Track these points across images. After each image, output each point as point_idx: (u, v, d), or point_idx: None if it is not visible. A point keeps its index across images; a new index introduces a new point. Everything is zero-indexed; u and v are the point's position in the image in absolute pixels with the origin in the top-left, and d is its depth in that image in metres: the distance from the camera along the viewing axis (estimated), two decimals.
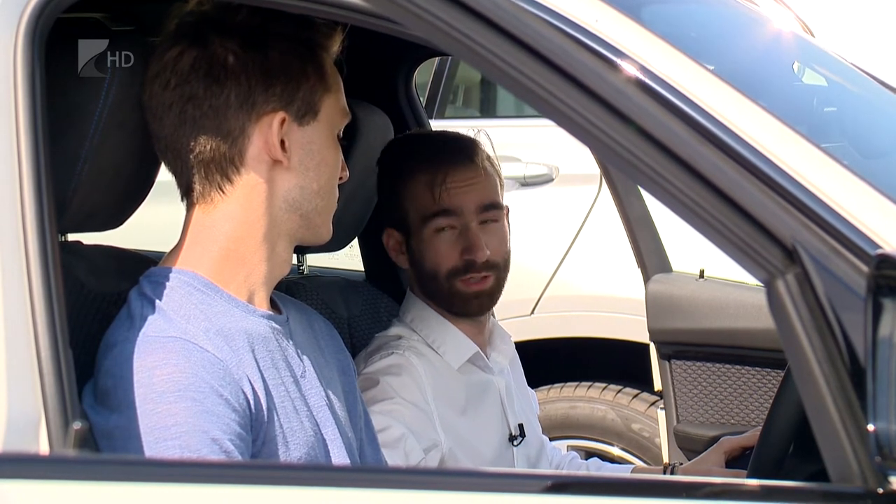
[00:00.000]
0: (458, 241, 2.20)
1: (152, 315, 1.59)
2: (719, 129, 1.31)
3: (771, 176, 1.29)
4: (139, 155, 1.70)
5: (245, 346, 1.63)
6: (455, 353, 2.24)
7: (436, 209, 2.19)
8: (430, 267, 2.21)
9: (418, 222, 2.21)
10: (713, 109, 1.31)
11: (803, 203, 1.29)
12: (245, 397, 1.58)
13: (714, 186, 1.30)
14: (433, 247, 2.20)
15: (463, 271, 2.20)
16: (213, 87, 1.64)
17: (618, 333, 4.12)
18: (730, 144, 1.30)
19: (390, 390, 2.13)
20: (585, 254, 4.23)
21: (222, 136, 1.65)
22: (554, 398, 4.24)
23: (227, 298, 1.65)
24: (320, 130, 1.70)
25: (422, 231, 2.21)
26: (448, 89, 4.77)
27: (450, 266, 2.20)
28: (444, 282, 2.20)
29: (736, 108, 1.32)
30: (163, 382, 1.53)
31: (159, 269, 1.67)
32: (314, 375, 1.74)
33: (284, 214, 1.69)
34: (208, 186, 1.66)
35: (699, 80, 1.33)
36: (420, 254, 2.22)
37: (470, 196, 2.21)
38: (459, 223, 2.20)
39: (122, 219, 1.76)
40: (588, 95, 1.32)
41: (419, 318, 2.26)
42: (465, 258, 2.19)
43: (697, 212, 1.31)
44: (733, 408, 3.02)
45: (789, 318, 1.27)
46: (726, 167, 1.29)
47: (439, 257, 2.20)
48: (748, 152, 1.30)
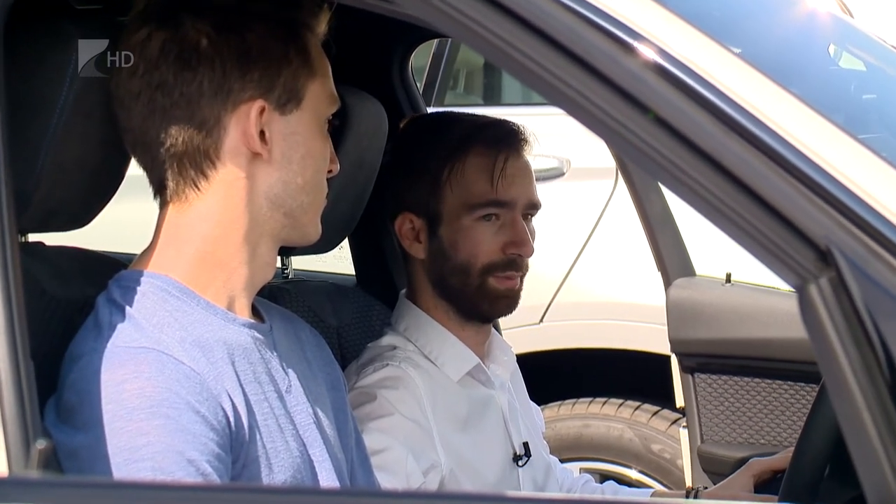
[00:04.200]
0: (500, 233, 2.20)
1: (122, 323, 1.60)
2: (746, 119, 1.31)
3: (803, 170, 1.30)
4: (107, 147, 1.71)
5: (224, 358, 1.63)
6: (454, 365, 2.24)
7: (490, 198, 2.19)
8: (464, 259, 2.20)
9: (460, 209, 2.20)
10: (739, 97, 1.32)
11: (838, 200, 1.29)
12: (224, 414, 1.59)
13: (740, 182, 1.30)
14: (473, 237, 2.19)
15: (502, 267, 2.20)
16: (185, 72, 1.65)
17: (635, 344, 4.13)
18: (757, 135, 1.31)
19: (388, 405, 2.13)
20: (600, 256, 4.24)
21: (195, 127, 1.65)
22: (565, 416, 4.24)
23: (205, 305, 1.66)
24: (304, 119, 1.71)
25: (461, 219, 2.20)
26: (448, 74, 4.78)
27: (488, 260, 2.19)
28: (477, 277, 2.20)
29: (764, 95, 1.33)
30: (133, 398, 1.53)
31: (130, 272, 1.68)
32: (300, 390, 1.75)
33: (267, 212, 1.70)
34: (182, 183, 1.67)
35: (724, 65, 1.34)
36: (452, 243, 2.21)
37: (524, 188, 2.22)
38: (506, 216, 2.20)
39: (89, 217, 1.76)
40: (601, 81, 1.32)
41: (414, 327, 2.26)
42: (510, 252, 2.19)
43: (722, 210, 1.31)
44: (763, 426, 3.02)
45: (823, 326, 1.27)
46: (754, 161, 1.30)
47: (479, 248, 2.19)
48: (777, 144, 1.31)
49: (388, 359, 2.21)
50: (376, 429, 2.10)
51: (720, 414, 3.04)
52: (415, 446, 2.12)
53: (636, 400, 4.24)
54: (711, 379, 3.05)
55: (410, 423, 2.14)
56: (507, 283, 2.21)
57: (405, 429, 2.12)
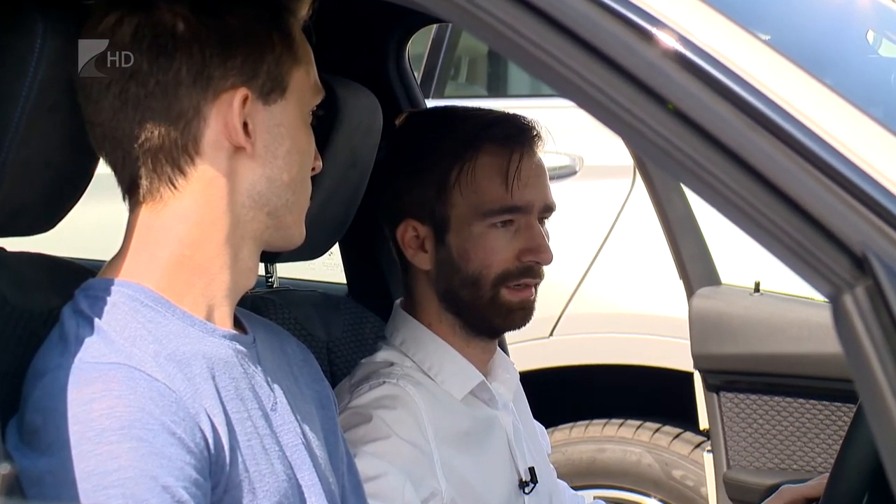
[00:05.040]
0: (515, 239, 2.20)
1: (90, 337, 1.61)
2: (775, 113, 1.32)
3: (837, 169, 1.30)
4: (75, 143, 1.71)
5: (203, 373, 1.64)
6: (457, 382, 2.24)
7: (505, 204, 2.19)
8: (476, 269, 2.20)
9: (471, 215, 2.20)
10: (767, 88, 1.32)
11: (876, 202, 1.30)
12: (203, 435, 1.60)
13: (769, 182, 1.31)
14: (486, 245, 2.19)
15: (516, 276, 2.20)
16: (161, 60, 1.65)
17: (655, 360, 4.13)
18: (787, 131, 1.31)
19: (384, 427, 2.13)
20: (615, 263, 4.24)
21: (173, 120, 1.66)
22: (577, 439, 4.24)
23: (181, 315, 1.67)
24: (289, 109, 1.72)
25: (472, 225, 2.20)
26: (448, 62, 4.78)
27: (502, 269, 2.20)
28: (489, 288, 2.20)
29: (795, 87, 1.34)
30: (103, 418, 1.54)
31: (98, 281, 1.69)
32: (287, 408, 1.75)
33: (249, 212, 1.71)
34: (157, 181, 1.67)
35: (751, 54, 1.34)
36: (462, 253, 2.21)
37: (539, 191, 2.22)
38: (521, 220, 2.21)
39: (55, 220, 1.77)
40: (616, 72, 1.33)
41: (412, 340, 2.26)
42: (526, 260, 2.20)
43: (749, 212, 1.32)
44: (795, 450, 3.03)
45: (859, 339, 1.28)
46: (783, 159, 1.31)
47: (493, 257, 2.19)
48: (809, 140, 1.31)
49: (385, 376, 2.21)
50: (371, 453, 2.10)
51: (748, 437, 3.05)
52: (413, 472, 2.12)
53: (656, 421, 4.24)
54: (738, 398, 3.06)
55: (409, 446, 2.14)
56: (522, 294, 2.21)
57: (403, 453, 2.13)
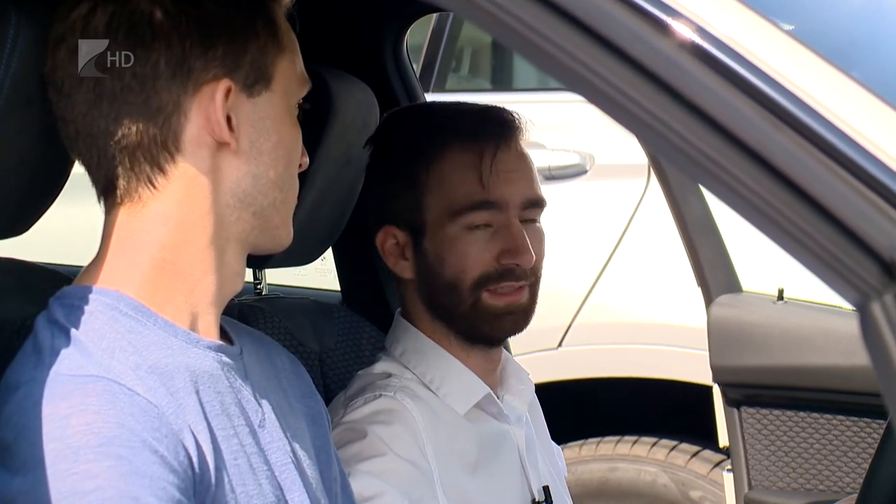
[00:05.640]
0: (493, 241, 2.21)
1: (66, 348, 1.61)
2: (799, 109, 1.32)
3: (866, 169, 1.31)
4: (51, 140, 1.72)
5: (187, 387, 1.64)
6: (460, 396, 2.24)
7: (479, 199, 2.20)
8: (452, 275, 2.21)
9: (445, 216, 2.21)
10: (791, 83, 1.33)
11: None
12: (186, 453, 1.60)
13: (792, 183, 1.31)
14: (460, 248, 2.21)
15: (496, 278, 2.21)
16: (138, 51, 1.66)
17: (671, 373, 4.14)
18: (812, 128, 1.31)
19: (381, 444, 2.13)
20: (629, 268, 4.25)
21: (151, 115, 1.66)
22: (588, 457, 4.25)
23: (163, 325, 1.67)
24: (275, 102, 1.72)
25: (447, 227, 2.21)
26: (449, 54, 4.79)
27: (479, 272, 2.20)
28: (468, 294, 2.21)
29: (821, 81, 1.34)
30: (80, 435, 1.54)
31: (74, 288, 1.69)
32: (276, 425, 1.76)
33: (234, 212, 1.71)
34: (135, 180, 1.68)
35: (773, 45, 1.35)
36: (437, 258, 2.22)
37: (518, 186, 2.23)
38: (499, 220, 2.21)
39: (29, 223, 1.77)
40: (629, 65, 1.33)
41: (412, 351, 2.27)
42: (504, 262, 2.20)
43: (771, 215, 1.32)
44: (822, 469, 3.03)
45: (887, 350, 1.28)
46: (808, 158, 1.31)
47: (467, 261, 2.20)
48: (836, 139, 1.31)
49: (382, 388, 2.22)
50: (366, 471, 2.10)
51: (771, 455, 3.05)
52: (412, 492, 2.13)
53: (672, 438, 4.25)
54: (761, 414, 3.06)
55: (407, 464, 2.14)
56: (506, 298, 2.22)
57: (401, 472, 2.13)
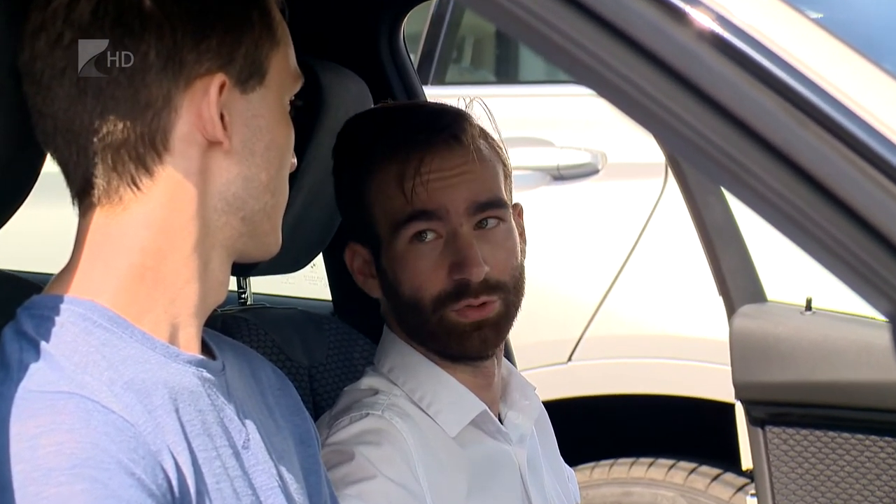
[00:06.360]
0: (444, 253, 2.20)
1: (35, 362, 1.61)
2: (827, 104, 1.32)
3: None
4: (20, 137, 1.72)
5: (166, 405, 1.64)
6: (453, 414, 2.24)
7: (409, 211, 2.20)
8: (409, 293, 2.21)
9: (388, 231, 2.22)
10: (819, 76, 1.33)
11: None
12: (165, 476, 1.60)
13: (821, 185, 1.31)
14: (409, 264, 2.21)
15: (454, 297, 2.20)
16: (126, 41, 1.66)
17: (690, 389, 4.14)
18: (842, 125, 1.32)
19: (369, 466, 2.14)
20: (644, 276, 4.25)
21: (139, 110, 1.67)
22: (601, 481, 4.25)
23: (140, 337, 1.67)
24: (269, 99, 1.73)
25: (394, 243, 2.22)
26: (450, 44, 4.79)
27: (436, 290, 2.20)
28: (430, 314, 2.21)
29: (851, 74, 1.34)
30: (51, 456, 1.54)
31: (44, 297, 1.69)
32: (261, 445, 1.76)
33: (221, 217, 1.71)
34: (116, 180, 1.68)
35: (799, 35, 1.35)
36: (394, 276, 2.22)
37: (458, 191, 2.21)
38: (445, 229, 2.21)
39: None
40: (644, 57, 1.33)
41: (401, 367, 2.27)
42: (455, 277, 2.19)
43: (799, 220, 1.32)
44: (853, 493, 3.03)
45: None
46: (838, 158, 1.31)
47: (419, 278, 2.20)
48: (868, 137, 1.31)
49: (369, 407, 2.22)
50: (355, 495, 2.11)
51: (799, 478, 3.05)
52: None
53: (691, 461, 4.25)
54: (787, 434, 3.06)
55: (397, 487, 2.14)
56: (472, 314, 2.21)
57: (390, 495, 2.13)
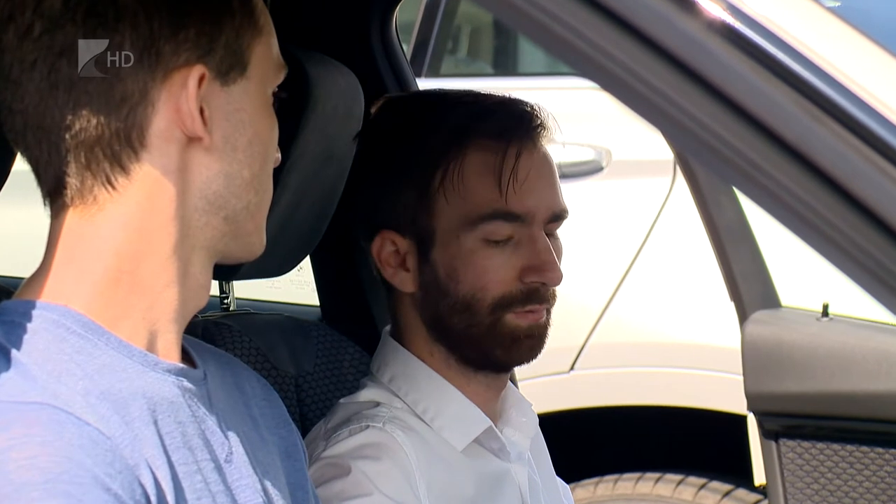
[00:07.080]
0: (516, 256, 2.20)
1: (5, 371, 1.61)
2: (844, 98, 1.33)
3: None
4: None
5: (143, 417, 1.65)
6: (458, 429, 2.24)
7: (498, 209, 2.19)
8: (467, 292, 2.20)
9: (461, 225, 2.20)
10: (835, 68, 1.33)
11: None
12: (143, 492, 1.60)
13: (836, 183, 1.31)
14: (478, 262, 2.19)
15: (521, 300, 2.21)
16: (100, 32, 1.67)
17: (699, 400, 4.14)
18: (859, 121, 1.32)
19: (366, 482, 2.13)
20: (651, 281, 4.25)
21: (114, 105, 1.67)
22: (605, 497, 4.25)
23: (117, 345, 1.67)
24: (250, 91, 1.73)
25: (462, 238, 2.20)
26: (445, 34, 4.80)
27: (500, 292, 2.19)
28: (486, 315, 2.20)
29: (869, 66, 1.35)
30: (23, 470, 1.54)
31: (14, 303, 1.70)
32: (244, 459, 1.76)
33: (202, 217, 1.71)
34: (90, 179, 1.68)
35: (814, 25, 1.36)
36: (450, 272, 2.21)
37: (544, 196, 2.22)
38: (522, 233, 2.21)
39: None
40: (651, 49, 1.34)
41: (403, 377, 2.26)
42: (530, 281, 2.20)
43: (815, 223, 1.33)
44: None
45: None
46: (854, 155, 1.32)
47: (485, 278, 2.19)
48: (887, 133, 1.32)
49: (369, 419, 2.21)
50: None
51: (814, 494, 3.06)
52: None
53: (700, 476, 4.25)
54: (802, 447, 3.07)
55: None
56: (530, 318, 2.21)
57: None
